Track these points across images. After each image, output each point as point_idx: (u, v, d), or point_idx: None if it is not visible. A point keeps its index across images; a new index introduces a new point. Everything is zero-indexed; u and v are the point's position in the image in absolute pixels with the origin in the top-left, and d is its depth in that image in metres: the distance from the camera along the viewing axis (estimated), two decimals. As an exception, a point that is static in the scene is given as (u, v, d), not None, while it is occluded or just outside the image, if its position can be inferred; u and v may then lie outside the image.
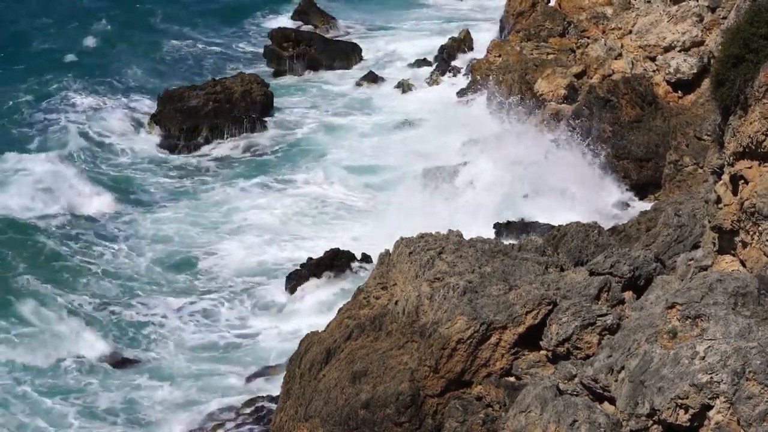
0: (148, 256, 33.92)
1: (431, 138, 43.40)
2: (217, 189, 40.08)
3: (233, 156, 44.14)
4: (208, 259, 33.91)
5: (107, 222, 36.72)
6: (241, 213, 37.61)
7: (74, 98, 48.92)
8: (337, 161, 42.75)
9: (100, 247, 34.56)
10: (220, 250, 34.53)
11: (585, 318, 17.33)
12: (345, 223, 36.86)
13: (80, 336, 28.47)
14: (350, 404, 18.68)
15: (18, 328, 28.73)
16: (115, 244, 34.91)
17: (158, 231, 35.97)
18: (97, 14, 62.86)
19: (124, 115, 47.44)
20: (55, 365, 27.39)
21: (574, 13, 46.15)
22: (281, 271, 32.69)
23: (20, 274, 31.49)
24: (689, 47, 38.12)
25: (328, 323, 21.96)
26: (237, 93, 47.34)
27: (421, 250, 20.63)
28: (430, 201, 35.99)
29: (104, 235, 35.49)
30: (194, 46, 59.99)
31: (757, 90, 14.95)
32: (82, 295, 31.04)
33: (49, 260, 32.95)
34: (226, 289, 32.05)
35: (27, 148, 42.82)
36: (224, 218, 37.26)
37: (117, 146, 44.62)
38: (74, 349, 28.01)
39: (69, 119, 46.56)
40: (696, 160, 33.00)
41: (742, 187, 15.61)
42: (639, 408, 13.83)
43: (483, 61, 46.31)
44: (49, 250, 33.42)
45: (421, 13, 67.61)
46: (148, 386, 26.73)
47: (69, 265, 32.75)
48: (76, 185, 38.69)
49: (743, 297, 14.11)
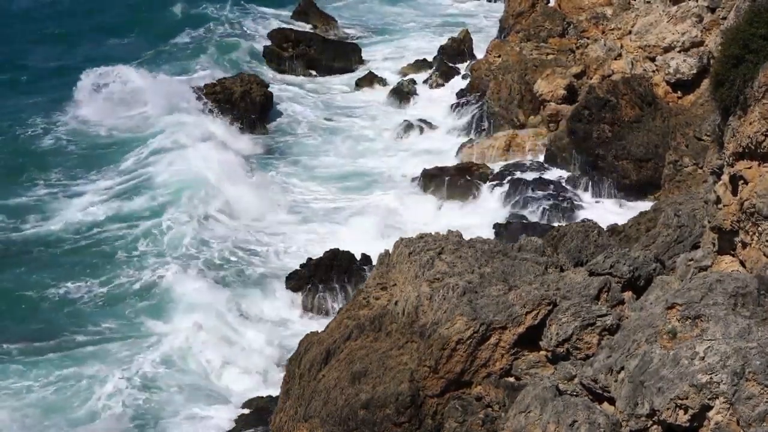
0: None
1: (432, 137, 43.45)
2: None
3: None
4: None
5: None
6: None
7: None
8: (335, 161, 42.83)
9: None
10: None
11: (585, 318, 17.33)
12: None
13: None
14: (350, 404, 18.68)
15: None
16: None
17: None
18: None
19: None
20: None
21: (573, 14, 46.20)
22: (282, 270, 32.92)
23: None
24: (689, 48, 38.13)
25: (328, 324, 21.96)
26: (237, 93, 47.40)
27: (420, 251, 20.63)
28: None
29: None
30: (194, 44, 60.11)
31: (757, 90, 14.95)
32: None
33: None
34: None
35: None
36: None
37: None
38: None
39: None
40: (695, 160, 33.02)
41: (742, 188, 15.61)
42: (639, 408, 13.83)
43: (483, 62, 46.34)
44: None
45: (421, 13, 67.60)
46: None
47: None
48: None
49: (743, 297, 14.10)
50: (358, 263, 31.67)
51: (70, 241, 35.16)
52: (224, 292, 31.72)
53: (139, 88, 48.68)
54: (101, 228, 36.06)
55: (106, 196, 38.92)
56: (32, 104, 49.12)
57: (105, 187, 39.81)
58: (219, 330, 29.44)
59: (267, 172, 41.93)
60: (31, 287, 31.81)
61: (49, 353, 28.02)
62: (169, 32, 61.66)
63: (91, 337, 29.04)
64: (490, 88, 43.13)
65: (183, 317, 29.87)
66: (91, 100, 48.16)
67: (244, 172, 40.77)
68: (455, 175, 38.54)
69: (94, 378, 26.67)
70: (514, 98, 42.17)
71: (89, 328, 29.52)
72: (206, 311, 30.09)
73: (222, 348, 28.62)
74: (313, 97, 51.92)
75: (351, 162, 42.89)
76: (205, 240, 35.12)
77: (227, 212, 37.60)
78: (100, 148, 44.21)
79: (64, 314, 30.23)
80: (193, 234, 35.25)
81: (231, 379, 27.26)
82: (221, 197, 38.13)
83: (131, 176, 40.63)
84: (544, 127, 41.01)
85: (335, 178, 41.21)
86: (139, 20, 64.60)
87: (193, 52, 57.53)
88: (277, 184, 40.52)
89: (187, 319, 29.49)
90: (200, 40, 60.37)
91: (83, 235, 35.64)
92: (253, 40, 60.94)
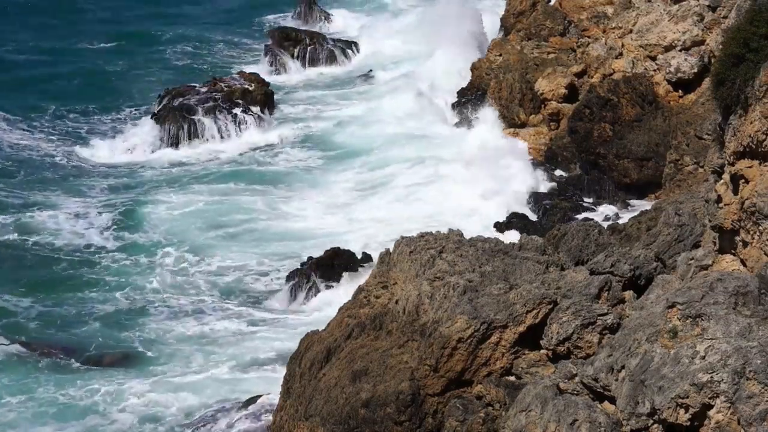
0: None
1: (431, 137, 43.41)
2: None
3: (239, 153, 44.40)
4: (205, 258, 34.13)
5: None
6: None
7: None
8: (334, 160, 42.87)
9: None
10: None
11: (585, 317, 17.34)
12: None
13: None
14: (350, 403, 18.68)
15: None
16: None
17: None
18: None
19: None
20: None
21: (574, 13, 46.14)
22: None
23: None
24: (690, 47, 38.10)
25: (329, 322, 21.96)
26: (237, 91, 47.46)
27: (421, 249, 20.63)
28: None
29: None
30: (194, 44, 60.05)
31: (758, 89, 14.95)
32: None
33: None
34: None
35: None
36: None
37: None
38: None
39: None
40: (696, 159, 33.00)
41: (743, 187, 15.61)
42: (639, 407, 13.83)
43: (483, 61, 46.30)
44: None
45: (421, 13, 67.49)
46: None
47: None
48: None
49: (744, 296, 14.10)
50: (359, 261, 31.70)
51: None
52: (224, 290, 31.84)
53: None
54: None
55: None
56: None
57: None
58: (219, 328, 29.57)
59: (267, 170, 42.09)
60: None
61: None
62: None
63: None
64: (491, 87, 43.10)
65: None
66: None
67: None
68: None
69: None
70: (515, 97, 42.14)
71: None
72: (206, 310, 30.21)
73: (222, 346, 28.68)
74: (313, 94, 51.91)
75: (353, 160, 42.92)
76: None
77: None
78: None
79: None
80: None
81: (231, 377, 27.26)
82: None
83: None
84: (545, 126, 41.00)
85: (336, 177, 41.21)
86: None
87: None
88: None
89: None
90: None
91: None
92: (253, 38, 61.02)
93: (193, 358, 28.08)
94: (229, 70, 53.84)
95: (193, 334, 29.38)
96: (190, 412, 25.54)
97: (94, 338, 29.07)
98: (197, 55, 58.44)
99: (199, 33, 62.28)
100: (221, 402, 25.85)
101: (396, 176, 40.18)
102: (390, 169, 41.06)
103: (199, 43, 60.60)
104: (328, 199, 38.95)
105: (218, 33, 62.68)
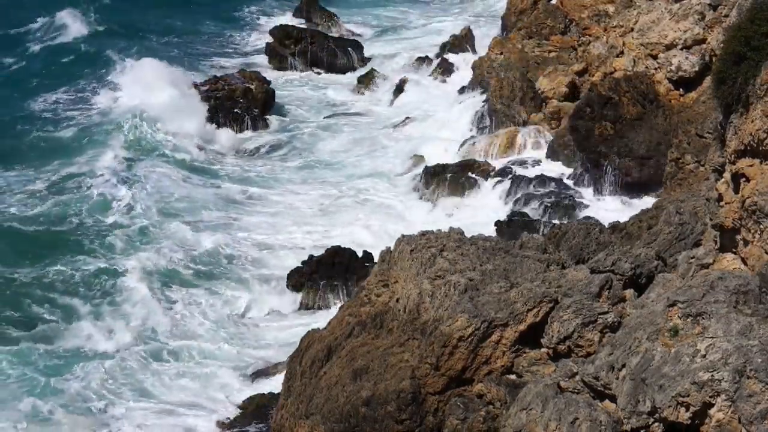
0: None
1: (431, 137, 43.39)
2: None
3: (239, 152, 44.42)
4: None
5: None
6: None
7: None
8: (334, 159, 42.88)
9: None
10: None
11: (586, 316, 17.34)
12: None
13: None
14: (351, 402, 18.69)
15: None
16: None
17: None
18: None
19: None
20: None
21: (575, 12, 46.08)
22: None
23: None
24: (691, 45, 38.07)
25: (329, 321, 21.96)
26: (238, 90, 47.46)
27: (422, 248, 20.61)
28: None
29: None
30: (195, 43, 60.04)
31: (759, 88, 14.95)
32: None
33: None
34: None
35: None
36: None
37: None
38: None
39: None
40: (697, 158, 32.97)
41: (744, 185, 15.61)
42: (640, 406, 13.83)
43: (485, 59, 46.27)
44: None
45: (421, 12, 67.50)
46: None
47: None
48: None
49: (744, 295, 14.10)
50: (359, 260, 31.67)
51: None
52: (225, 289, 31.83)
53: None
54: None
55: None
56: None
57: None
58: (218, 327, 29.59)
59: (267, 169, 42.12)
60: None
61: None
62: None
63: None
64: (492, 85, 43.07)
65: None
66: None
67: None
68: (457, 172, 38.57)
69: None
70: (516, 95, 42.12)
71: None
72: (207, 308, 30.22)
73: (222, 345, 28.69)
74: (314, 94, 51.89)
75: (352, 160, 42.90)
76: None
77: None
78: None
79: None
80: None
81: (231, 376, 27.27)
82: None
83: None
84: (546, 124, 40.99)
85: (335, 176, 41.21)
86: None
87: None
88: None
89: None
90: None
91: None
92: (253, 37, 60.96)
93: (193, 358, 28.10)
94: (229, 69, 53.79)
95: (191, 332, 29.41)
96: (190, 409, 25.56)
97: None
98: (197, 52, 58.38)
99: (199, 30, 62.24)
100: (221, 402, 25.87)
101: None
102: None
103: (200, 40, 60.59)
104: (328, 199, 39.07)
105: (217, 29, 62.59)
